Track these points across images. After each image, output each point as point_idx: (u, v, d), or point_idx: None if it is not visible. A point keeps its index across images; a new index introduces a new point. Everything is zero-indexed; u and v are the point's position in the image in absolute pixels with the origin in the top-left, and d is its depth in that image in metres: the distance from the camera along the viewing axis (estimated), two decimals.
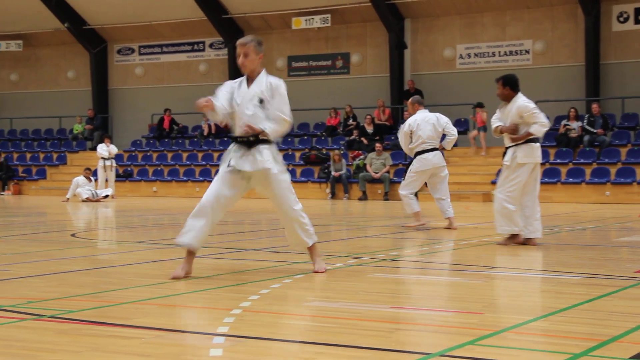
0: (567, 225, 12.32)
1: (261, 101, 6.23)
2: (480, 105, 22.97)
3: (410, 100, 11.64)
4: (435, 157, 11.12)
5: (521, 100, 8.69)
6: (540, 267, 6.85)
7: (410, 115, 11.48)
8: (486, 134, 23.05)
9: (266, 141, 6.22)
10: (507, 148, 8.87)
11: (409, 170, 11.29)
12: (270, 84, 6.28)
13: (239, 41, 6.30)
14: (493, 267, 6.84)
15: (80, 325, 4.30)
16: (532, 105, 8.66)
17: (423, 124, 11.10)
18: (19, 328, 4.25)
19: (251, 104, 6.20)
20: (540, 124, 8.55)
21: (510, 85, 8.74)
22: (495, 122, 8.88)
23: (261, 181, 6.29)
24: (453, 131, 11.35)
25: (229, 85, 6.37)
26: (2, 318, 4.49)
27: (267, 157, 6.18)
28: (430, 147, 11.08)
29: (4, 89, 32.49)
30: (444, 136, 11.41)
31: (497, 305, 4.92)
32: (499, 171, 22.51)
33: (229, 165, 6.20)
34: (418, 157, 11.10)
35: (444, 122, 11.29)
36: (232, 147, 6.28)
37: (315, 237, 6.42)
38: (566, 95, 24.25)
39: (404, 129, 11.27)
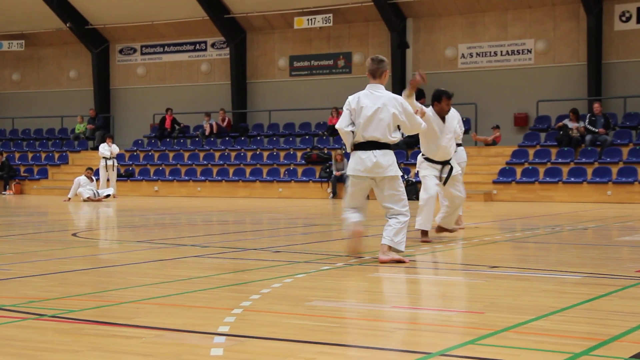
0: (568, 224, 12.32)
1: None
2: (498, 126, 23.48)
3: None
4: None
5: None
6: (541, 266, 6.85)
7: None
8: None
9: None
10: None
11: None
12: None
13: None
14: (494, 267, 6.84)
15: (81, 324, 4.31)
16: None
17: None
18: (20, 328, 4.26)
19: None
20: None
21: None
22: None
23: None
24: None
25: None
26: (3, 318, 4.50)
27: None
28: None
29: (6, 88, 32.52)
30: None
31: (498, 305, 4.92)
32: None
33: None
34: None
35: None
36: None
37: None
38: (568, 95, 24.24)
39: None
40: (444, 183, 8.92)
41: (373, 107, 7.02)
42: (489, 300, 5.12)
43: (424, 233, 8.97)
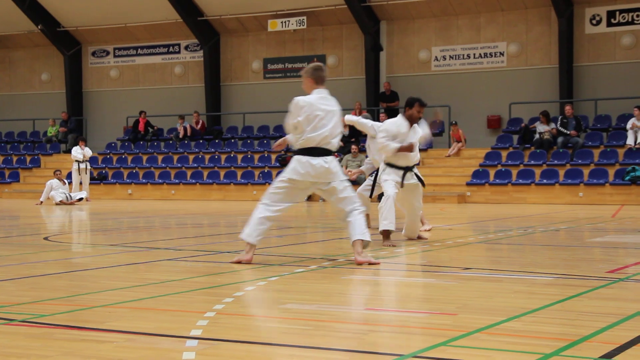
0: (540, 226, 12.42)
1: None
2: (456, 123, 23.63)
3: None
4: None
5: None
6: (514, 267, 6.90)
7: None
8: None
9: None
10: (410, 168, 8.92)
11: None
12: None
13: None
14: (467, 268, 6.88)
15: (53, 329, 4.28)
16: None
17: None
18: None
19: None
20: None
21: None
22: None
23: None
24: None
25: None
26: None
27: None
28: None
29: None
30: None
31: (470, 306, 4.95)
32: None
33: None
34: None
35: None
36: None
37: None
38: (540, 97, 24.46)
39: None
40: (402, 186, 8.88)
41: (328, 113, 7.08)
42: (462, 301, 5.15)
43: (388, 234, 8.86)
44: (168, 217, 15.67)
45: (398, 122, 8.92)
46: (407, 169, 8.92)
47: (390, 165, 8.95)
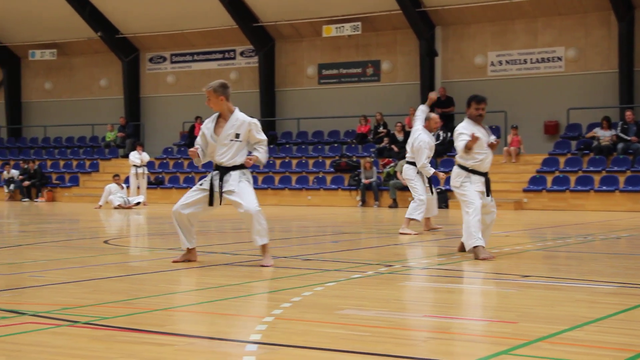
0: (600, 233, 12.19)
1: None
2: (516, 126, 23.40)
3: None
4: None
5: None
6: (573, 276, 6.78)
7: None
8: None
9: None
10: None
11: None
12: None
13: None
14: (526, 276, 6.78)
15: (114, 331, 4.34)
16: None
17: None
18: (54, 334, 4.30)
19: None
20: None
21: None
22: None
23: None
24: None
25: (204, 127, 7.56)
26: (38, 324, 4.54)
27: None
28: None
29: (39, 97, 32.91)
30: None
31: (530, 315, 4.88)
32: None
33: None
34: None
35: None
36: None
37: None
38: (599, 102, 24.03)
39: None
40: (488, 194, 8.53)
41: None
42: (522, 309, 5.08)
43: (481, 249, 8.21)
44: (223, 221, 15.79)
45: (463, 125, 8.64)
46: (486, 175, 8.45)
47: (472, 171, 8.39)
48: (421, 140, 11.68)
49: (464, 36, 25.78)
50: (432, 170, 11.77)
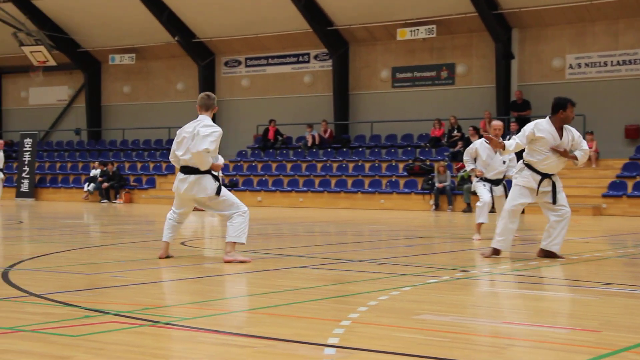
0: None
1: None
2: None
3: None
4: None
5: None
6: None
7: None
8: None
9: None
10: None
11: None
12: None
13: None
14: (607, 284, 6.62)
15: (195, 332, 4.40)
16: None
17: None
18: (137, 334, 4.38)
19: None
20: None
21: None
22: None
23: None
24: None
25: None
26: (120, 323, 4.63)
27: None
28: None
29: (117, 100, 33.69)
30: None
31: (614, 323, 4.75)
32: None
33: None
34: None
35: None
36: None
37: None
38: None
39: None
40: (554, 201, 8.44)
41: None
42: (604, 318, 4.95)
43: (496, 252, 8.48)
44: (296, 224, 15.87)
45: (542, 124, 8.65)
46: (546, 177, 8.50)
47: (531, 168, 8.46)
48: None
49: (541, 38, 25.33)
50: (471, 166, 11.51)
